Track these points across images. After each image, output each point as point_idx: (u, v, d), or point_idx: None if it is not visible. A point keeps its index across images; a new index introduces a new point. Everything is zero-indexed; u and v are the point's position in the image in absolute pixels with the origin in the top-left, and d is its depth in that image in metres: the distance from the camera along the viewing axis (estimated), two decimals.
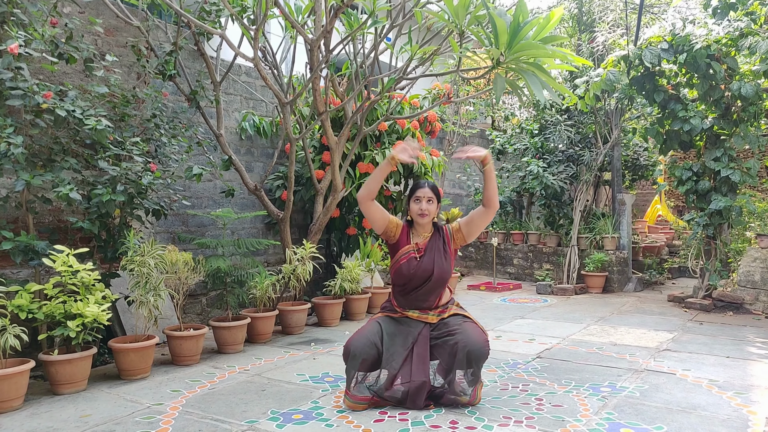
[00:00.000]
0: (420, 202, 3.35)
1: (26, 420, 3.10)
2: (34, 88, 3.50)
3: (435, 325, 3.34)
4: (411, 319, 3.36)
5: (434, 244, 3.38)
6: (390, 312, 3.43)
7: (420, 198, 3.35)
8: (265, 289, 4.92)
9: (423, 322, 3.34)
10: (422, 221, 3.37)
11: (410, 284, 3.33)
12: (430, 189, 3.37)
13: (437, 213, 3.43)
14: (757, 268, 6.17)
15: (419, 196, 3.36)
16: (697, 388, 3.56)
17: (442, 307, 3.39)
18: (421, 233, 3.42)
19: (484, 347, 3.15)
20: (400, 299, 3.40)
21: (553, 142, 8.46)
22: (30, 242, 3.58)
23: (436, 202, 3.38)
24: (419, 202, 3.35)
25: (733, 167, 6.07)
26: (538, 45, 3.64)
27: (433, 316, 3.34)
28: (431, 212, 3.36)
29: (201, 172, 4.57)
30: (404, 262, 3.33)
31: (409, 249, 3.35)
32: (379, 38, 5.09)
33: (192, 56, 5.52)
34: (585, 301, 6.98)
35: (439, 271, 3.30)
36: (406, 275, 3.31)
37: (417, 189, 3.39)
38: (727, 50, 5.83)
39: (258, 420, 3.05)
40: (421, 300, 3.35)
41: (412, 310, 3.37)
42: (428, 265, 3.30)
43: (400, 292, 3.40)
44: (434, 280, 3.30)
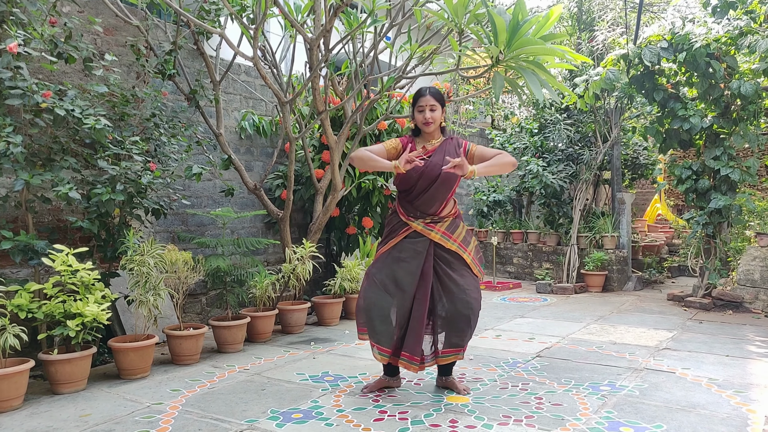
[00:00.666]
0: (424, 111, 3.26)
1: (26, 419, 3.10)
2: (33, 87, 3.49)
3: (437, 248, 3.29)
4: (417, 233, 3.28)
5: (446, 148, 3.30)
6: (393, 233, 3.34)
7: (423, 107, 3.26)
8: (264, 289, 4.92)
9: (427, 239, 3.27)
10: (428, 129, 3.29)
11: (417, 187, 3.25)
12: (432, 96, 3.26)
13: (443, 118, 3.35)
14: (757, 266, 6.17)
15: (422, 105, 3.26)
16: (697, 386, 3.56)
17: (447, 223, 3.31)
18: (429, 140, 3.35)
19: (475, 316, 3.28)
20: (407, 206, 3.32)
21: (553, 141, 8.46)
22: (29, 242, 3.58)
23: (440, 107, 3.29)
24: (423, 111, 3.26)
25: (733, 166, 6.07)
26: (538, 42, 3.64)
27: (436, 234, 3.27)
28: (436, 119, 3.28)
29: (201, 172, 4.57)
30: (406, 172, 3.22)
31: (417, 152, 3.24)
32: (379, 37, 5.09)
33: (191, 55, 5.51)
34: (585, 300, 6.99)
35: (445, 174, 3.18)
36: (413, 176, 3.22)
37: (419, 98, 3.28)
38: (727, 49, 5.83)
39: (258, 419, 3.05)
40: (427, 204, 3.27)
41: (418, 219, 3.29)
42: (437, 164, 3.21)
43: (405, 197, 3.32)
44: (440, 181, 3.21)
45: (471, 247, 3.40)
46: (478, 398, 3.35)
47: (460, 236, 3.36)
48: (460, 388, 3.46)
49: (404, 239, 3.32)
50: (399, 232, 3.34)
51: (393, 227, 3.40)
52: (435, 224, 3.31)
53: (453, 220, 3.37)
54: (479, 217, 9.49)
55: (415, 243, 3.29)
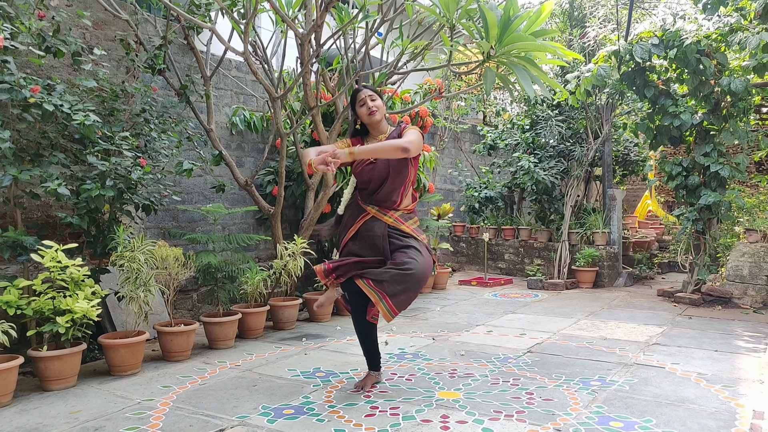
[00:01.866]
0: (365, 103, 3.26)
1: (15, 416, 3.08)
2: (21, 81, 3.46)
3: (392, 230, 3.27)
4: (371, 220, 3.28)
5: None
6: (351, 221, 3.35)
7: (363, 99, 3.27)
8: (256, 285, 4.91)
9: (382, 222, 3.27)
10: (375, 119, 3.29)
11: (369, 187, 3.29)
12: (367, 89, 3.29)
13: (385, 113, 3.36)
14: (746, 262, 6.22)
15: (362, 98, 3.27)
16: (686, 381, 3.59)
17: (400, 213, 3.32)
18: (377, 135, 3.35)
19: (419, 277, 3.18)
20: (365, 197, 3.34)
21: (544, 138, 8.49)
22: (18, 237, 3.55)
23: (378, 98, 3.31)
24: (364, 104, 3.27)
25: (723, 162, 6.11)
26: (529, 38, 3.64)
27: (390, 219, 3.28)
28: (379, 107, 3.28)
29: (191, 167, 4.55)
30: (361, 168, 3.27)
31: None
32: (370, 33, 5.07)
33: (182, 50, 5.48)
34: (576, 296, 7.02)
35: (394, 173, 3.23)
36: (365, 181, 3.28)
37: (356, 94, 3.30)
38: (717, 46, 5.86)
39: (249, 415, 3.05)
40: (382, 200, 3.28)
41: (372, 205, 3.30)
42: (383, 166, 3.24)
43: (362, 191, 3.35)
44: (391, 177, 3.23)
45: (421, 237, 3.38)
46: (470, 393, 3.36)
47: (411, 226, 3.35)
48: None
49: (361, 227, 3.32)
50: (356, 219, 3.33)
51: (352, 212, 3.39)
52: (389, 210, 3.31)
53: (407, 214, 3.38)
54: (471, 213, 9.51)
55: (372, 228, 3.28)
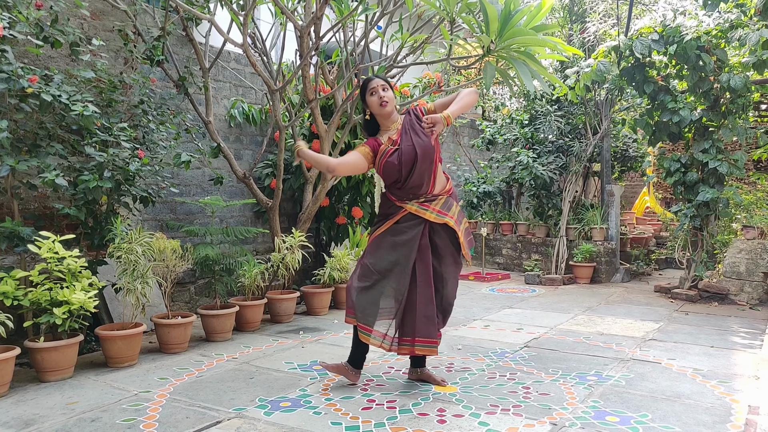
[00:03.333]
0: (376, 92, 3.22)
1: (12, 407, 3.08)
2: (18, 71, 3.44)
3: (433, 228, 3.26)
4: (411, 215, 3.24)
5: (408, 126, 3.26)
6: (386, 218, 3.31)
7: (374, 88, 3.23)
8: (253, 278, 4.90)
9: (422, 220, 3.23)
10: (385, 110, 3.25)
11: (402, 176, 3.22)
12: (378, 78, 3.25)
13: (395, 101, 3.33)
14: (743, 259, 6.24)
15: (373, 87, 3.23)
16: (682, 377, 3.60)
17: (441, 201, 3.28)
18: (390, 127, 3.31)
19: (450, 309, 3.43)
20: (397, 192, 3.29)
21: (543, 133, 8.47)
22: (15, 228, 3.54)
23: (389, 88, 3.27)
24: (375, 93, 3.23)
25: (721, 159, 6.11)
26: (529, 32, 3.63)
27: (432, 214, 3.24)
28: (390, 98, 3.24)
29: (189, 160, 4.53)
30: (386, 160, 3.22)
31: (385, 147, 3.23)
32: (370, 26, 5.05)
33: (180, 42, 5.45)
34: (573, 292, 7.03)
35: (421, 149, 3.17)
36: (393, 170, 3.21)
37: (367, 84, 3.25)
38: (717, 42, 5.85)
39: (246, 407, 3.05)
40: (417, 186, 3.23)
41: (411, 201, 3.25)
42: (408, 149, 3.19)
43: (394, 185, 3.29)
44: (420, 159, 3.17)
45: (463, 227, 3.36)
46: (466, 387, 3.37)
47: (455, 214, 3.32)
48: (438, 380, 3.43)
49: (399, 222, 3.27)
50: (393, 215, 3.29)
51: (386, 211, 3.35)
52: (429, 203, 3.26)
53: (447, 199, 3.33)
54: (469, 208, 9.51)
55: (410, 226, 3.24)
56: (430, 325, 3.24)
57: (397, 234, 3.26)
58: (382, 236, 3.31)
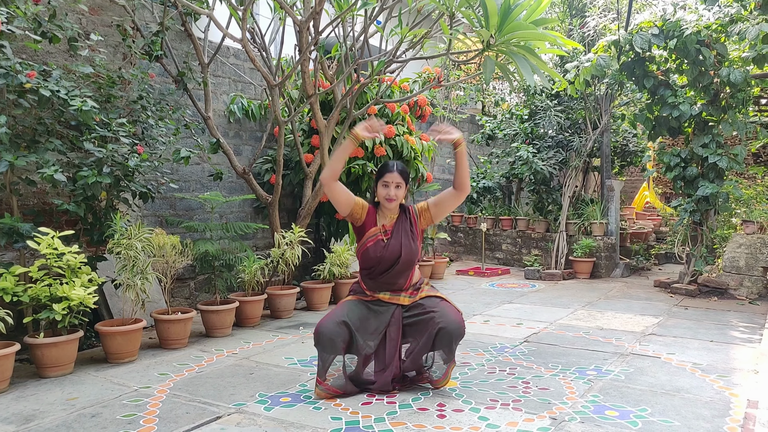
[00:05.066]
0: (388, 187, 3.22)
1: (12, 403, 3.08)
2: (17, 67, 3.43)
3: (408, 306, 3.27)
4: (383, 301, 3.28)
5: (401, 226, 3.28)
6: (360, 295, 3.34)
7: (388, 183, 3.22)
8: (253, 273, 4.90)
9: (395, 305, 3.26)
10: (389, 206, 3.26)
11: (378, 267, 3.24)
12: (398, 173, 3.23)
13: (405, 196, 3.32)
14: (742, 254, 6.24)
15: (387, 181, 3.22)
16: (681, 371, 3.61)
17: (413, 288, 3.31)
18: (388, 215, 3.31)
19: (460, 326, 3.13)
20: (369, 282, 3.31)
21: (543, 128, 8.47)
22: (14, 224, 3.53)
23: (404, 186, 3.26)
24: (387, 187, 3.22)
25: (721, 153, 6.11)
26: (529, 27, 3.62)
27: (405, 298, 3.27)
28: (399, 197, 3.25)
29: (189, 155, 4.52)
30: (371, 245, 3.23)
31: (376, 231, 3.25)
32: (369, 20, 5.04)
33: (179, 37, 5.44)
34: (573, 287, 7.04)
35: (406, 253, 3.21)
36: (373, 258, 3.22)
37: (385, 173, 3.24)
38: (717, 36, 5.84)
39: (246, 403, 3.05)
40: (391, 282, 3.26)
41: (383, 292, 3.28)
42: (395, 247, 3.21)
43: (368, 275, 3.30)
44: (402, 262, 3.21)
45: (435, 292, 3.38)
46: (466, 382, 3.38)
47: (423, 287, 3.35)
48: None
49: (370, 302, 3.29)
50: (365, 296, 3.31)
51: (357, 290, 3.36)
52: (401, 291, 3.28)
53: (417, 283, 3.35)
54: (468, 203, 9.51)
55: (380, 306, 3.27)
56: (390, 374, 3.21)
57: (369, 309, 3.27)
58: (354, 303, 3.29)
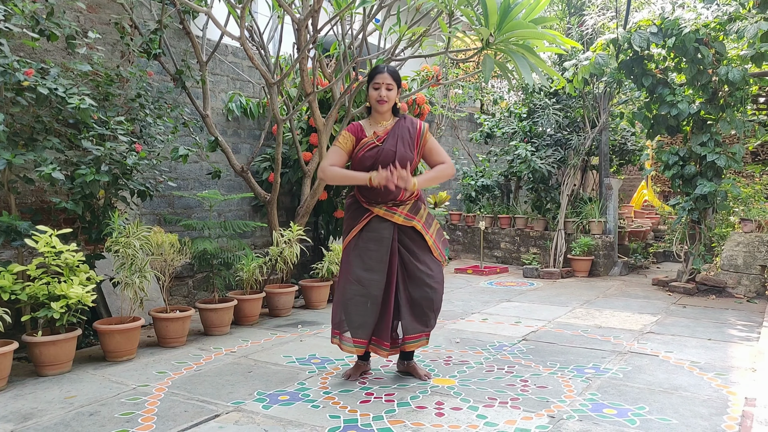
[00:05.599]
0: (379, 88, 3.15)
1: (10, 401, 3.07)
2: (14, 64, 3.42)
3: (401, 232, 3.24)
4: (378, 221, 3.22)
5: (397, 132, 3.23)
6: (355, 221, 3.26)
7: (379, 84, 3.15)
8: (251, 272, 4.90)
9: (390, 224, 3.21)
10: (381, 109, 3.20)
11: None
12: (389, 74, 3.16)
13: (397, 99, 3.27)
14: (740, 252, 6.25)
15: (378, 83, 3.16)
16: (679, 369, 3.62)
17: (409, 205, 3.26)
18: (380, 121, 3.26)
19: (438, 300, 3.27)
20: (366, 192, 3.24)
21: (542, 126, 8.47)
22: (12, 222, 3.53)
23: (396, 88, 3.21)
24: (378, 89, 3.16)
25: (719, 152, 6.11)
26: (528, 25, 3.62)
27: (400, 217, 3.22)
28: (391, 98, 3.19)
29: (187, 153, 4.52)
30: (364, 151, 3.18)
31: (369, 140, 3.20)
32: (368, 18, 5.03)
33: (177, 35, 5.42)
34: (571, 285, 7.04)
35: (401, 156, 3.15)
36: (367, 165, 3.17)
37: (376, 74, 3.18)
38: (716, 35, 5.84)
39: (244, 401, 3.05)
40: (387, 190, 3.16)
41: (379, 204, 3.23)
42: (390, 150, 3.17)
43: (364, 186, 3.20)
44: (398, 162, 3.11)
45: (433, 230, 3.35)
46: (464, 380, 3.38)
47: (422, 218, 3.31)
48: (421, 374, 3.41)
49: (367, 226, 3.25)
50: (360, 219, 3.26)
51: (353, 214, 3.32)
52: (397, 207, 3.25)
53: (415, 203, 3.31)
54: (467, 201, 9.51)
55: (378, 229, 3.23)
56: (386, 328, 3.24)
57: (368, 240, 3.24)
58: (354, 243, 3.28)
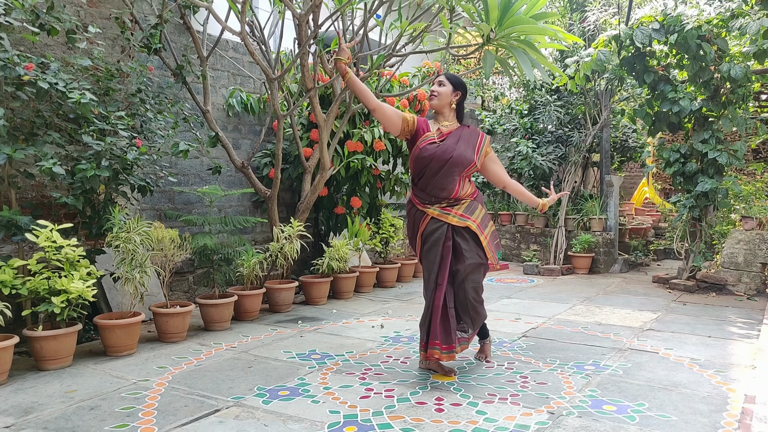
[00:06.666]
0: (433, 84, 3.36)
1: (10, 395, 3.08)
2: (15, 59, 3.41)
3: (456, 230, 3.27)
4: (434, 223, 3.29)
5: (460, 134, 3.31)
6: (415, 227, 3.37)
7: (434, 81, 3.37)
8: (252, 267, 4.90)
9: (445, 224, 3.26)
10: (432, 103, 3.33)
11: (429, 168, 3.23)
12: (445, 76, 3.36)
13: (453, 100, 3.34)
14: (741, 249, 6.24)
15: (434, 80, 3.37)
16: (679, 366, 3.62)
17: (465, 205, 3.30)
18: (443, 122, 3.36)
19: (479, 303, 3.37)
20: (420, 193, 3.33)
21: (543, 123, 8.45)
22: (13, 217, 3.53)
23: (450, 86, 3.32)
24: (433, 84, 3.36)
25: (721, 149, 6.10)
26: (529, 21, 3.60)
27: (454, 218, 3.26)
28: (441, 94, 3.30)
29: (187, 149, 4.51)
30: (424, 145, 3.26)
31: (430, 135, 3.29)
32: (369, 14, 5.02)
33: (178, 30, 5.41)
34: (571, 282, 7.04)
35: (459, 155, 3.22)
36: (425, 158, 3.23)
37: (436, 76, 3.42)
38: (718, 31, 5.82)
39: (244, 396, 3.06)
40: (440, 188, 3.25)
41: (433, 206, 3.28)
42: (450, 147, 3.24)
43: (419, 182, 3.31)
44: (452, 163, 3.21)
45: (488, 231, 3.38)
46: (464, 377, 3.38)
47: (478, 218, 3.33)
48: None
49: (425, 229, 3.32)
50: (419, 224, 3.35)
51: (412, 219, 3.41)
52: (451, 207, 3.28)
53: (471, 202, 3.34)
54: None
55: (434, 231, 3.28)
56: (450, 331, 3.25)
57: (426, 243, 3.33)
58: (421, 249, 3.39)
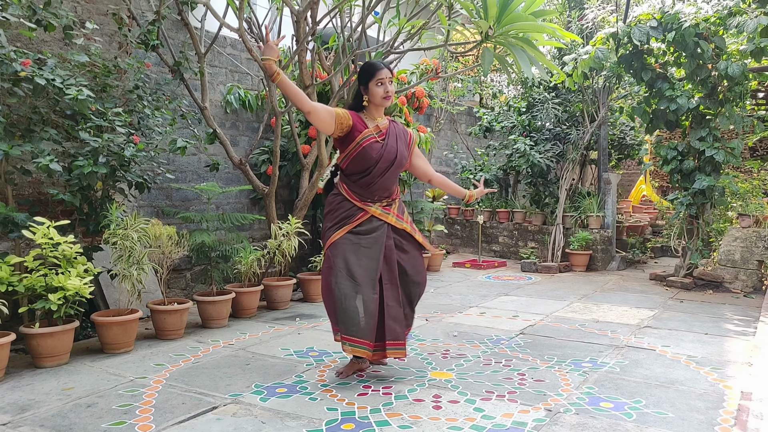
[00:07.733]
0: (384, 84, 3.14)
1: (7, 392, 3.07)
2: (11, 55, 3.40)
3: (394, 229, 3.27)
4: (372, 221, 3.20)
5: (395, 131, 3.28)
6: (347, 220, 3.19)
7: (383, 80, 3.13)
8: (249, 264, 4.90)
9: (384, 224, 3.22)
10: (387, 104, 3.24)
11: (377, 170, 3.16)
12: (387, 69, 3.17)
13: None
14: (738, 247, 6.26)
15: (382, 78, 3.13)
16: (676, 363, 3.63)
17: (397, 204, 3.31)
18: (376, 117, 3.26)
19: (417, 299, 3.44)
20: (360, 190, 3.21)
21: (541, 120, 8.45)
22: (9, 214, 3.52)
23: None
24: (383, 84, 3.14)
25: (718, 147, 6.11)
26: (528, 18, 3.60)
27: (392, 218, 3.25)
28: (393, 93, 3.22)
29: (185, 145, 4.50)
30: (368, 144, 3.14)
31: (370, 133, 3.17)
32: (367, 11, 5.01)
33: (175, 26, 5.40)
34: (569, 279, 7.05)
35: (401, 155, 3.25)
36: (372, 159, 3.15)
37: (376, 71, 3.14)
38: (716, 29, 5.82)
39: (242, 393, 3.06)
40: (384, 188, 3.23)
41: (375, 204, 3.22)
42: (393, 147, 3.21)
43: (360, 180, 3.19)
44: (398, 162, 3.21)
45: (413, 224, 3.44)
46: (462, 374, 3.39)
47: (408, 218, 3.39)
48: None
49: (360, 224, 3.20)
50: (354, 218, 3.20)
51: (346, 212, 3.21)
52: (390, 207, 3.28)
53: (399, 202, 3.38)
54: None
55: (375, 229, 3.21)
56: (399, 328, 3.23)
57: (361, 238, 3.19)
58: (345, 239, 3.18)
